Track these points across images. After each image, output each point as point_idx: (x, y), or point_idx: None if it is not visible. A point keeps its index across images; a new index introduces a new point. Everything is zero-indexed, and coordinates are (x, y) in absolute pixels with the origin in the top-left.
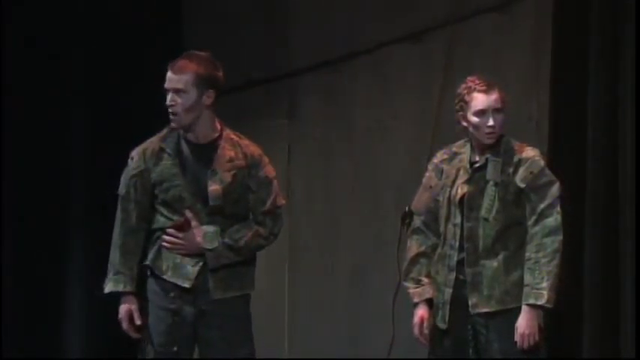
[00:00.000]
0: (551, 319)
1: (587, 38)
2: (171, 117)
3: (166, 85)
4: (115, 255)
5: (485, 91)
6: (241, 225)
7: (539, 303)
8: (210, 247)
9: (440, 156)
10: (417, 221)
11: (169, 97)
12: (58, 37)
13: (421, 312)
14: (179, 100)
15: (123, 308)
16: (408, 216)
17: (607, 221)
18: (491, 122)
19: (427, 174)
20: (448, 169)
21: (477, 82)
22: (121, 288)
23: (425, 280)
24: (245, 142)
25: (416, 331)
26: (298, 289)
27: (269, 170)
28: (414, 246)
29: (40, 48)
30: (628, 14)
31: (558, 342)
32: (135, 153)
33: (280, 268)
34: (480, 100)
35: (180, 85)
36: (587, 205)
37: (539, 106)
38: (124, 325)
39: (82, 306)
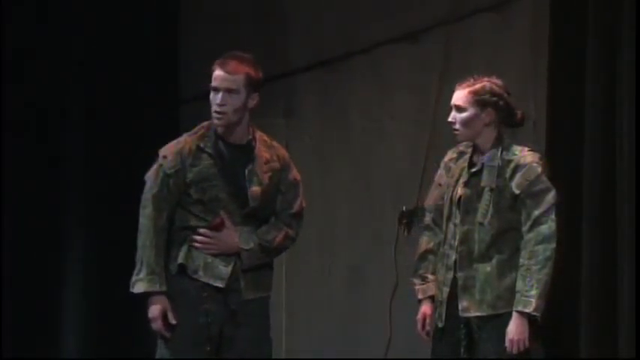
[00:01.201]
0: (549, 319)
1: (585, 38)
2: (218, 116)
3: (217, 84)
4: (149, 254)
5: (456, 89)
6: (269, 226)
7: (526, 310)
8: (247, 247)
9: (450, 154)
10: (427, 218)
11: (220, 96)
12: (56, 37)
13: (424, 309)
14: (230, 100)
15: (157, 308)
16: (406, 216)
17: (604, 221)
18: (449, 118)
19: (438, 172)
20: (454, 169)
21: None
22: (157, 288)
23: (430, 277)
24: (275, 144)
25: (418, 327)
26: (296, 289)
27: (296, 173)
28: (423, 243)
29: (38, 48)
30: (626, 14)
31: (556, 342)
32: (168, 152)
33: (278, 268)
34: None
35: (233, 86)
36: (585, 205)
37: (536, 106)
38: (158, 324)
39: (80, 306)
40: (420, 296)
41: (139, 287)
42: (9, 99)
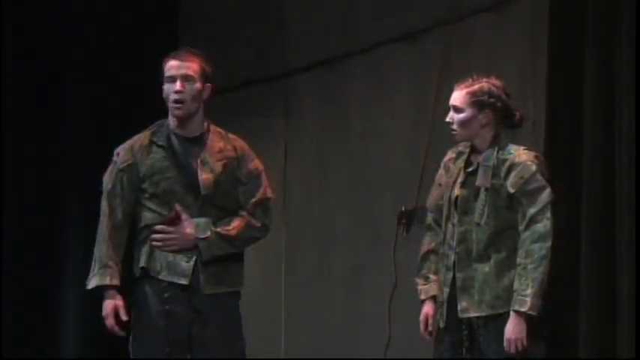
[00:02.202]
0: (549, 319)
1: (584, 38)
2: (177, 105)
3: (174, 72)
4: (101, 249)
5: (454, 89)
6: (231, 217)
7: (522, 310)
8: (203, 236)
9: (449, 154)
10: (428, 218)
11: (178, 83)
12: (55, 37)
13: (426, 309)
14: (187, 87)
15: (108, 304)
16: (405, 216)
17: (604, 221)
18: (447, 118)
19: (439, 171)
20: (453, 169)
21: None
22: (107, 281)
23: (432, 277)
24: (232, 136)
25: (421, 328)
26: (294, 289)
27: (257, 163)
28: (425, 243)
29: (38, 48)
30: (626, 13)
31: (556, 342)
32: (120, 149)
33: (277, 268)
34: None
35: (190, 72)
36: (584, 205)
37: (535, 106)
38: (110, 321)
39: (78, 306)
40: (422, 297)
41: (91, 283)
42: (8, 99)
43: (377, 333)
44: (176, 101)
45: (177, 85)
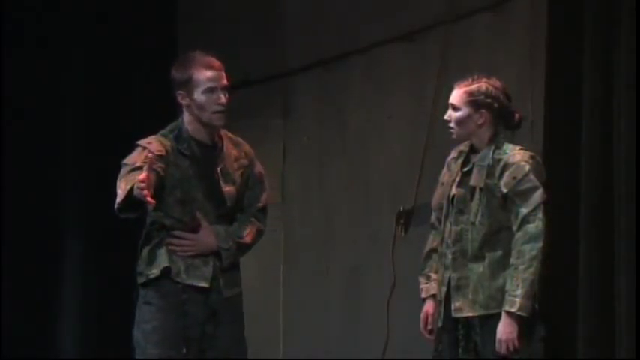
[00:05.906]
0: (548, 319)
1: (582, 38)
2: (220, 116)
3: (215, 83)
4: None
5: (454, 87)
6: (241, 223)
7: (512, 310)
8: (226, 247)
9: (452, 154)
10: (432, 217)
11: (222, 95)
12: (55, 37)
13: (427, 307)
14: (226, 98)
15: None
16: (403, 216)
17: (602, 222)
18: (445, 116)
19: (443, 170)
20: (454, 168)
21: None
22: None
23: (433, 275)
24: (240, 140)
25: (421, 326)
26: (293, 289)
27: (260, 167)
28: (429, 242)
29: (37, 48)
30: (625, 13)
31: (555, 342)
32: (151, 139)
33: (275, 268)
34: None
35: (226, 82)
36: (582, 206)
37: (533, 106)
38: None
39: (80, 306)
40: (423, 295)
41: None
42: (8, 100)
43: (376, 332)
44: (220, 112)
45: (223, 98)
